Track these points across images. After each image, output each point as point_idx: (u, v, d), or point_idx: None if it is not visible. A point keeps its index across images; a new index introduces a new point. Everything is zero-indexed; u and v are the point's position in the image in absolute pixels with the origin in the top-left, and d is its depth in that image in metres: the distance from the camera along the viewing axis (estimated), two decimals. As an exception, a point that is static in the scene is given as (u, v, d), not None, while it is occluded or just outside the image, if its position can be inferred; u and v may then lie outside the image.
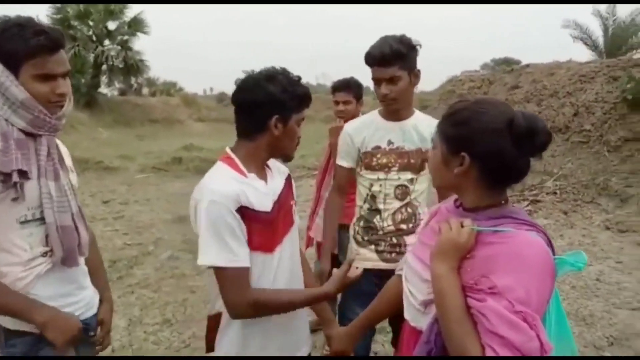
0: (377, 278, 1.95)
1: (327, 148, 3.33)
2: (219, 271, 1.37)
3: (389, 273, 1.95)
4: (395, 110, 2.06)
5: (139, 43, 27.23)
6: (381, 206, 2.07)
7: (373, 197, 2.08)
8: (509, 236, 1.05)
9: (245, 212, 1.38)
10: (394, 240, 2.07)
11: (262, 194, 1.45)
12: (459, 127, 1.13)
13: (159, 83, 40.02)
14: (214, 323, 1.52)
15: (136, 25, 21.20)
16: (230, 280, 1.36)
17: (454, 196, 1.29)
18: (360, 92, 3.22)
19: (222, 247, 1.34)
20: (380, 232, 2.08)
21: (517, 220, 1.10)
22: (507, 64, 18.82)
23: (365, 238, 2.11)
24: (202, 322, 2.64)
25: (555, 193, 7.62)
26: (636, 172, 7.34)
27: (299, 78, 1.48)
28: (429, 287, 1.13)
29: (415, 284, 1.25)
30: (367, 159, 2.08)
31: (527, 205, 7.28)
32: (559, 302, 1.14)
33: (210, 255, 1.35)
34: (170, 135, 20.17)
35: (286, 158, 1.58)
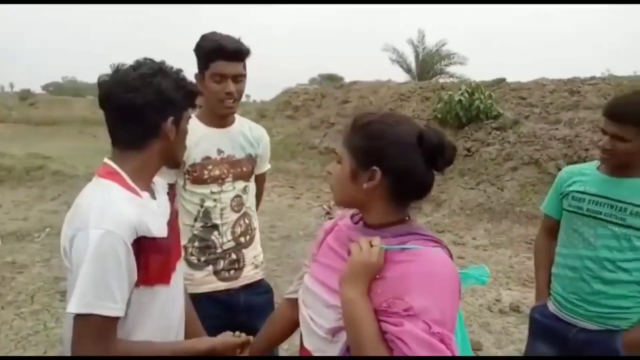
0: (217, 300, 1.84)
1: None
2: (85, 318, 1.07)
3: (230, 292, 1.87)
4: (226, 115, 1.87)
5: None
6: (218, 221, 1.86)
7: (206, 213, 1.86)
8: (418, 254, 1.01)
9: (142, 244, 1.14)
10: (233, 256, 1.90)
11: (157, 216, 1.23)
12: (370, 140, 1.06)
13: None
14: None
15: None
16: (97, 330, 1.08)
17: (348, 211, 1.21)
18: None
19: (102, 291, 1.07)
20: (219, 250, 1.87)
21: (423, 236, 1.07)
22: (331, 80, 20.23)
23: (202, 259, 1.86)
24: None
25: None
26: (447, 179, 8.44)
27: (179, 70, 1.28)
28: (337, 313, 1.04)
29: (318, 311, 1.12)
30: (197, 172, 1.82)
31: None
32: (461, 317, 1.13)
33: (87, 299, 1.06)
34: (-44, 137, 16.54)
35: (177, 165, 1.38)
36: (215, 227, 1.86)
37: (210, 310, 1.77)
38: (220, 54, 1.74)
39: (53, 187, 8.87)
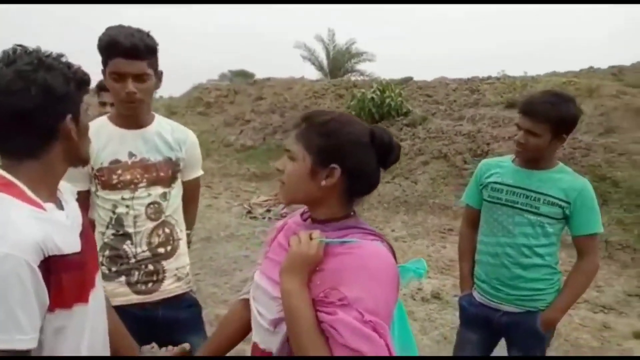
0: (131, 314, 1.66)
1: None
2: None
3: (146, 306, 1.74)
4: (136, 115, 1.73)
5: None
6: (131, 230, 1.73)
7: (119, 220, 1.73)
8: (356, 247, 1.05)
9: (52, 263, 0.98)
10: (150, 267, 1.76)
11: (66, 229, 1.07)
12: (329, 138, 1.08)
13: None
14: None
15: None
16: None
17: (299, 209, 1.22)
18: None
19: (6, 323, 0.92)
20: (133, 260, 1.74)
21: (363, 230, 1.10)
22: (243, 76, 19.92)
23: (114, 269, 1.74)
24: None
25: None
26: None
27: (60, 55, 1.08)
28: (279, 305, 1.07)
29: (264, 304, 1.15)
30: (105, 177, 1.70)
31: (284, 208, 7.75)
32: (403, 310, 1.17)
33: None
34: None
35: (84, 163, 1.20)
36: (127, 235, 1.73)
37: (125, 325, 1.59)
38: (117, 51, 1.59)
39: None
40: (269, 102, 12.76)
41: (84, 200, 1.74)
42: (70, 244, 1.05)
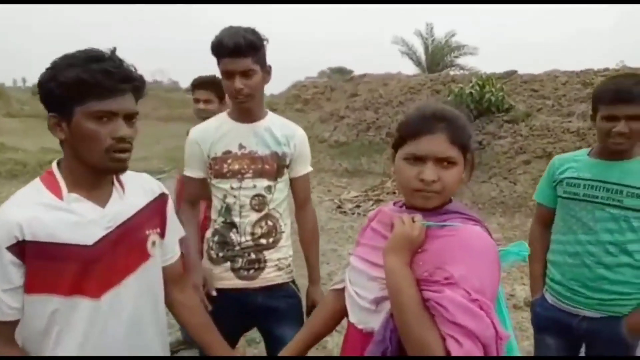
0: (234, 298, 1.83)
1: None
2: None
3: (248, 292, 1.83)
4: (247, 109, 1.84)
5: None
6: (237, 219, 1.84)
7: (228, 209, 1.85)
8: (457, 229, 1.07)
9: (28, 247, 1.08)
10: (253, 256, 1.86)
11: (84, 221, 1.14)
12: (465, 132, 1.12)
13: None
14: None
15: None
16: None
17: (393, 200, 1.27)
18: (223, 91, 2.95)
19: None
20: (237, 248, 1.85)
21: (463, 215, 1.12)
22: (341, 73, 20.11)
23: (220, 254, 1.87)
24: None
25: (394, 192, 8.28)
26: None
27: (99, 57, 1.11)
28: (380, 284, 1.10)
29: (362, 285, 1.18)
30: (217, 166, 1.83)
31: (372, 205, 7.76)
32: (504, 297, 1.18)
33: None
34: (-30, 132, 16.72)
35: (93, 167, 1.16)
36: (233, 224, 1.85)
37: (226, 307, 1.79)
38: (223, 51, 1.72)
39: (66, 182, 8.92)
40: (364, 98, 12.78)
41: (200, 186, 1.93)
42: (75, 235, 1.12)
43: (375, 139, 10.95)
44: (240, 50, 1.71)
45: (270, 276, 1.86)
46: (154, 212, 1.30)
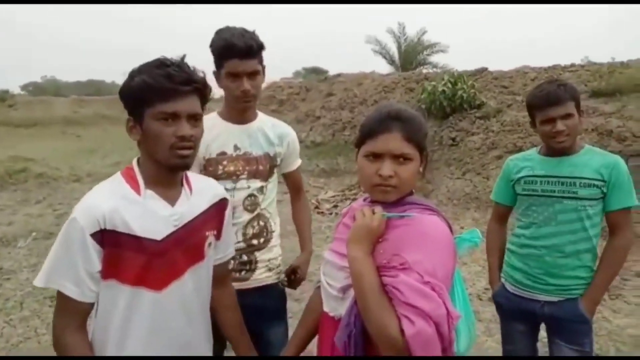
0: None
1: None
2: (58, 292, 1.20)
3: (240, 293, 1.80)
4: (246, 110, 1.85)
5: None
6: None
7: None
8: (414, 219, 1.15)
9: (108, 236, 1.18)
10: (244, 257, 1.86)
11: (156, 217, 1.24)
12: (420, 130, 1.19)
13: None
14: None
15: None
16: (61, 306, 1.21)
17: (363, 196, 1.33)
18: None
19: (61, 270, 1.18)
20: None
21: (421, 206, 1.20)
22: (316, 73, 20.12)
23: None
24: None
25: (371, 192, 8.36)
26: (433, 170, 8.51)
27: (165, 63, 1.21)
28: (346, 273, 1.17)
29: (332, 275, 1.27)
30: (212, 167, 1.82)
31: (349, 204, 7.81)
32: (461, 281, 1.25)
33: (45, 274, 1.19)
34: None
35: (169, 166, 1.26)
36: None
37: None
38: (232, 52, 1.72)
39: (37, 190, 8.70)
40: (339, 98, 12.83)
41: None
42: (148, 229, 1.22)
43: (351, 139, 11.00)
44: (251, 51, 1.73)
45: (261, 277, 1.89)
46: (214, 215, 1.39)
